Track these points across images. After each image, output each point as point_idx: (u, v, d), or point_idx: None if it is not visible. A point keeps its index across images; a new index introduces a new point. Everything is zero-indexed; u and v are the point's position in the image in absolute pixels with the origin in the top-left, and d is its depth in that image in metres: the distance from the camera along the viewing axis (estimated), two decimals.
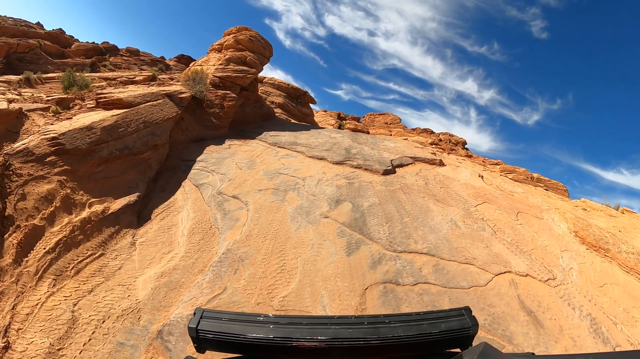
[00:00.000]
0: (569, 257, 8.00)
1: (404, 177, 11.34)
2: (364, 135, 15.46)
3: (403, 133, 34.35)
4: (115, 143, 8.86)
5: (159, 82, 18.75)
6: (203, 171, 10.15)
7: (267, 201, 8.33)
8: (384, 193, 9.67)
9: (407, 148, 14.48)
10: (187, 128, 12.69)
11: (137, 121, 9.82)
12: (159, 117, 10.81)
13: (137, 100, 10.72)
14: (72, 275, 6.03)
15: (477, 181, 11.52)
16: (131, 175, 8.87)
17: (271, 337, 1.08)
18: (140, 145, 9.42)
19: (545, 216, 9.69)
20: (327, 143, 13.02)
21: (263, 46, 16.35)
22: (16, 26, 40.89)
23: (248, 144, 12.80)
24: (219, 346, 1.11)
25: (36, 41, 37.14)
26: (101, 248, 6.83)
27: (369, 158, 11.93)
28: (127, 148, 9.07)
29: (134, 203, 8.06)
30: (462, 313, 1.21)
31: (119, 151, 8.85)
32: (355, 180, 10.24)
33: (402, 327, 1.13)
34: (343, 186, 9.59)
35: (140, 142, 9.49)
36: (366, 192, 9.52)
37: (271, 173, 10.08)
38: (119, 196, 8.10)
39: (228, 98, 14.01)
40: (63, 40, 43.90)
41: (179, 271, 6.24)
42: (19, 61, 32.68)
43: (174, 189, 9.25)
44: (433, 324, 1.15)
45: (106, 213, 7.53)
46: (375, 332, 1.11)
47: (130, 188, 8.49)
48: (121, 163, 8.86)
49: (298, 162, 11.28)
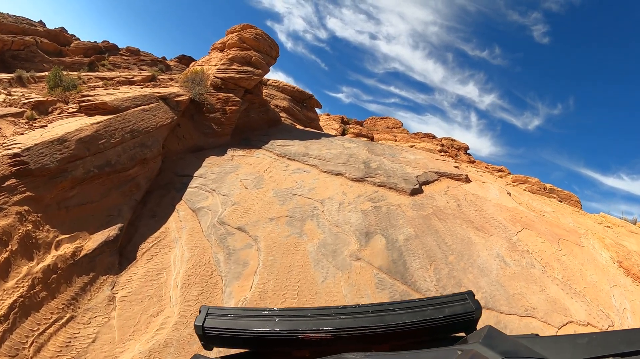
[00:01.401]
0: (619, 294, 7.26)
1: (434, 197, 9.52)
2: (379, 145, 13.58)
3: (407, 139, 32.51)
4: (94, 159, 6.90)
5: (156, 83, 16.73)
6: (201, 190, 8.21)
7: (281, 235, 6.43)
8: (418, 221, 7.82)
9: (429, 161, 12.63)
10: (184, 136, 10.73)
11: (123, 130, 7.86)
12: (150, 124, 8.85)
13: (126, 104, 8.75)
14: (31, 356, 4.13)
15: (508, 201, 10.52)
16: (113, 198, 6.93)
17: (277, 330, 1.03)
18: (125, 160, 7.46)
19: (585, 243, 8.85)
20: (343, 155, 11.11)
21: (269, 45, 14.43)
22: (16, 23, 38.49)
23: (253, 155, 10.87)
24: (225, 342, 1.06)
25: (32, 38, 34.77)
26: (70, 307, 4.91)
27: (392, 174, 10.05)
28: (109, 165, 7.12)
29: (114, 239, 6.13)
30: (465, 298, 1.17)
31: (99, 168, 6.90)
32: (381, 203, 8.37)
33: (407, 314, 1.09)
34: (370, 212, 7.72)
35: (125, 155, 7.53)
36: (398, 220, 7.66)
37: (283, 194, 8.17)
38: (96, 230, 6.17)
39: (231, 102, 12.07)
40: (62, 39, 41.51)
41: (172, 348, 4.34)
42: (13, 59, 30.34)
43: (166, 214, 7.31)
44: (437, 310, 1.11)
45: (78, 255, 5.59)
46: (380, 320, 1.07)
47: (111, 217, 6.55)
48: (101, 184, 6.91)
49: (312, 178, 9.38)
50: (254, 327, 1.04)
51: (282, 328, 1.04)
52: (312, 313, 1.10)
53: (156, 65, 41.33)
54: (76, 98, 10.01)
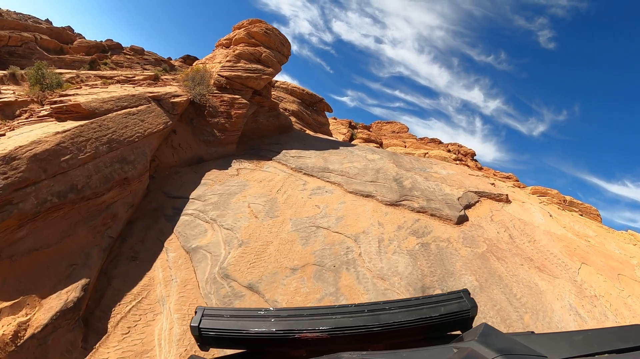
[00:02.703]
0: None
1: (482, 226, 7.61)
2: (406, 158, 11.55)
3: (417, 145, 30.52)
4: (53, 184, 4.88)
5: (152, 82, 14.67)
6: (199, 219, 6.20)
7: (310, 297, 4.42)
8: (476, 264, 5.91)
9: (463, 177, 10.65)
10: (181, 144, 8.70)
11: (97, 140, 5.84)
12: (136, 131, 6.82)
13: (106, 106, 6.73)
14: None
15: (555, 226, 9.37)
16: (78, 238, 4.91)
17: (273, 330, 0.99)
18: (98, 182, 5.43)
19: None
20: (369, 170, 9.09)
21: (281, 42, 12.41)
22: (19, 20, 36.36)
23: (263, 168, 8.84)
24: (222, 343, 1.02)
25: (31, 35, 32.62)
26: None
27: (431, 197, 8.07)
28: (75, 190, 5.09)
29: (75, 304, 4.11)
30: (460, 296, 1.12)
31: (59, 196, 4.88)
32: (428, 238, 6.38)
33: (403, 313, 1.05)
34: (418, 254, 5.75)
35: (99, 176, 5.50)
36: (453, 264, 5.72)
37: (304, 226, 6.16)
38: (52, 291, 4.16)
39: (237, 105, 10.04)
40: (65, 37, 39.34)
41: None
42: (10, 55, 28.17)
43: (151, 256, 5.30)
44: (433, 309, 1.07)
45: (22, 336, 3.60)
46: (376, 319, 1.03)
47: (74, 268, 4.54)
48: (62, 217, 4.90)
49: (337, 201, 7.36)
50: (250, 327, 0.99)
51: (278, 328, 0.99)
52: (308, 313, 1.04)
53: (160, 64, 39.07)
54: (52, 99, 7.96)
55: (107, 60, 37.87)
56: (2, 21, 33.70)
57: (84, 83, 14.85)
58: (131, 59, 40.82)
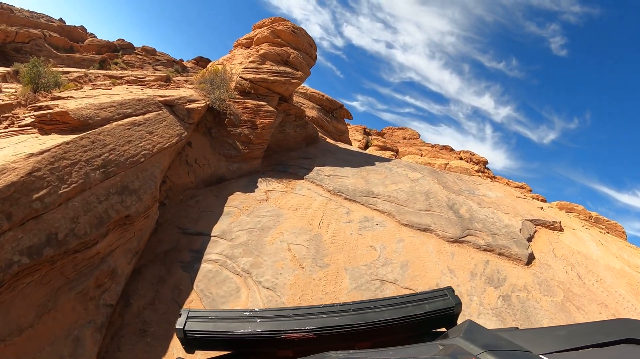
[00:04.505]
0: None
1: (549, 264, 6.43)
2: (448, 176, 9.81)
3: (434, 153, 28.79)
4: (22, 235, 3.14)
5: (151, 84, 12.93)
6: (226, 269, 4.47)
7: None
8: (561, 319, 5.35)
9: (512, 201, 9.22)
10: (197, 160, 6.97)
11: (88, 163, 4.10)
12: (141, 148, 5.09)
13: (103, 114, 4.99)
14: None
15: (610, 258, 8.60)
16: (63, 313, 3.19)
17: (259, 331, 0.94)
18: (88, 226, 3.68)
19: None
20: (417, 195, 7.39)
21: (309, 43, 10.68)
22: (31, 18, 34.71)
23: (295, 190, 7.11)
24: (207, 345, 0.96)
25: (40, 32, 30.89)
26: None
27: (494, 230, 6.66)
28: (53, 242, 3.35)
29: None
30: (445, 294, 1.09)
31: (31, 254, 3.14)
32: (506, 289, 5.14)
33: (388, 311, 1.02)
34: (504, 312, 4.68)
35: (88, 216, 3.75)
36: (540, 321, 5.36)
37: (366, 282, 4.44)
38: None
39: (263, 113, 8.31)
40: (76, 35, 37.69)
41: None
42: (16, 52, 26.45)
43: (166, 327, 3.59)
44: (418, 306, 1.04)
45: None
46: (362, 318, 0.99)
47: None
48: (37, 284, 3.18)
49: (393, 238, 5.64)
50: (236, 329, 0.95)
51: (264, 328, 0.94)
52: (293, 313, 1.00)
53: (172, 66, 37.30)
54: (37, 103, 6.21)
55: (118, 60, 36.03)
56: (12, 18, 32.01)
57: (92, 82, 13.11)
58: (142, 59, 39.02)
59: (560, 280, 6.26)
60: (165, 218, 5.42)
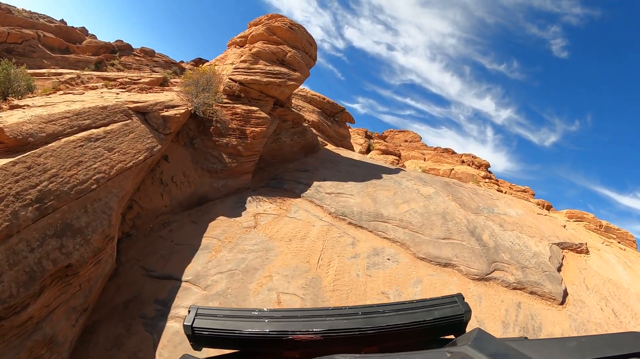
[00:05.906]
0: None
1: (583, 301, 5.63)
2: (463, 191, 8.62)
3: (437, 157, 27.59)
4: None
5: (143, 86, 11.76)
6: None
7: None
8: None
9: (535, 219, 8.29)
10: (175, 178, 5.79)
11: (18, 198, 2.92)
12: (95, 171, 3.92)
13: (50, 128, 3.83)
14: None
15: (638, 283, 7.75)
16: None
17: (267, 331, 0.92)
18: (14, 285, 2.49)
19: None
20: (433, 217, 6.23)
21: (308, 41, 9.51)
22: (29, 18, 33.53)
23: (290, 212, 5.94)
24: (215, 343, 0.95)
25: (34, 32, 29.71)
26: None
27: (523, 262, 5.68)
28: None
29: None
30: (454, 300, 1.04)
31: None
32: None
33: (396, 316, 0.99)
34: None
35: (14, 272, 2.55)
36: None
37: None
38: None
39: (254, 120, 7.15)
40: (75, 36, 36.47)
41: None
42: (8, 52, 25.21)
43: None
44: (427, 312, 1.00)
45: None
46: (371, 322, 0.97)
47: None
48: None
49: (409, 279, 4.49)
50: (244, 328, 0.93)
51: (271, 329, 0.93)
52: (302, 314, 0.99)
53: (170, 67, 36.09)
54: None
55: (115, 61, 34.79)
56: (9, 18, 30.79)
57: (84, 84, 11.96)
58: (140, 60, 37.76)
59: (597, 321, 5.16)
60: (129, 255, 4.26)
